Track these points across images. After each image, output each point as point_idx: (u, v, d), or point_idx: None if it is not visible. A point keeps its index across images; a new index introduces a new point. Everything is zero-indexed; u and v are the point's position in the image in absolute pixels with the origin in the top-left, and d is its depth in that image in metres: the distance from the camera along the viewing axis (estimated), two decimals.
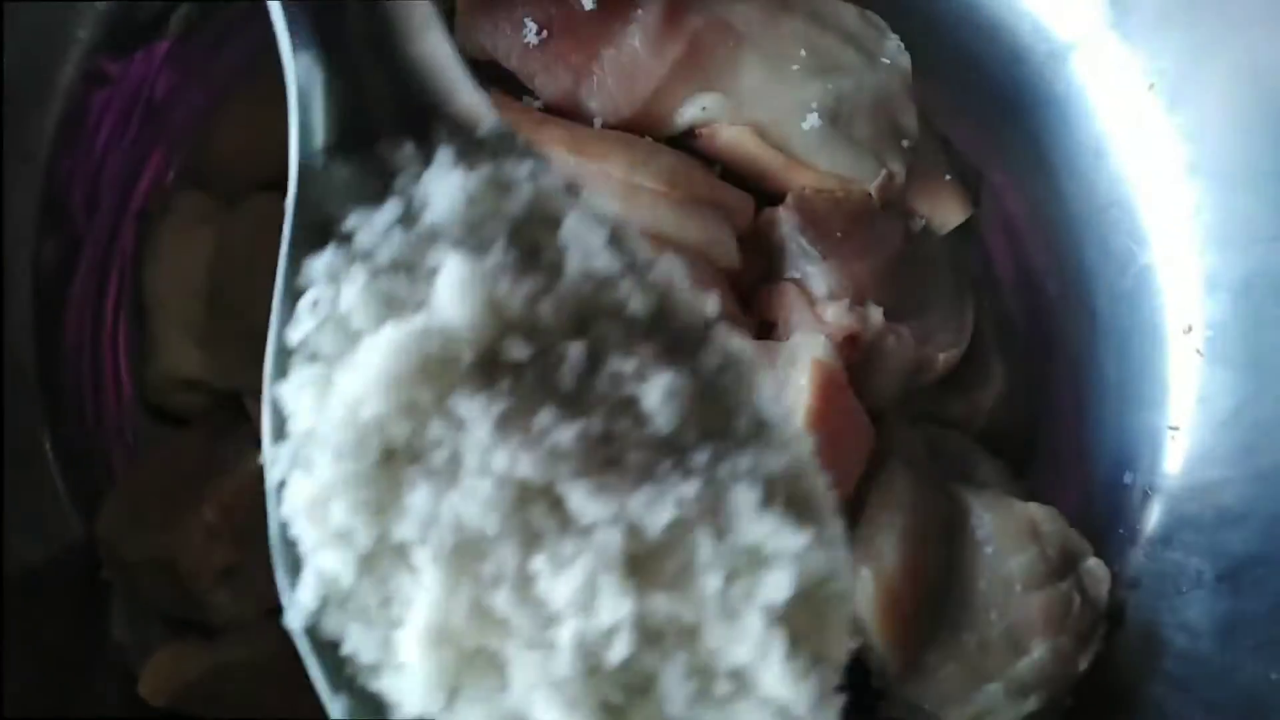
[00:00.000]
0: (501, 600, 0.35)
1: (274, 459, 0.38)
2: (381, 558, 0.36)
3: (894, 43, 0.71)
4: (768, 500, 0.37)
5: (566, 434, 0.36)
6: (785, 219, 0.68)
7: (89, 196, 0.69)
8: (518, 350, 0.37)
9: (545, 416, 0.36)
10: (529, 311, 0.37)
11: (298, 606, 0.37)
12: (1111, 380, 0.74)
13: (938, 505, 0.66)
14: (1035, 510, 0.66)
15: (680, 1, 0.68)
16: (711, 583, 0.35)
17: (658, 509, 0.35)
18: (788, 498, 0.38)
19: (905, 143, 0.70)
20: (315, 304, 0.38)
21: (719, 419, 0.39)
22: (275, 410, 0.38)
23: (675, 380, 0.37)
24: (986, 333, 0.73)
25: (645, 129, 0.69)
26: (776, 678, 0.35)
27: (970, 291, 0.73)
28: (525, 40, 0.68)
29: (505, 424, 0.36)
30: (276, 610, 0.63)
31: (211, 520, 0.63)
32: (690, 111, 0.68)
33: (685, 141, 0.70)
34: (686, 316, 0.40)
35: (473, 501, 0.35)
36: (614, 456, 0.37)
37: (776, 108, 0.68)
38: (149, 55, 0.71)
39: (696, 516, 0.36)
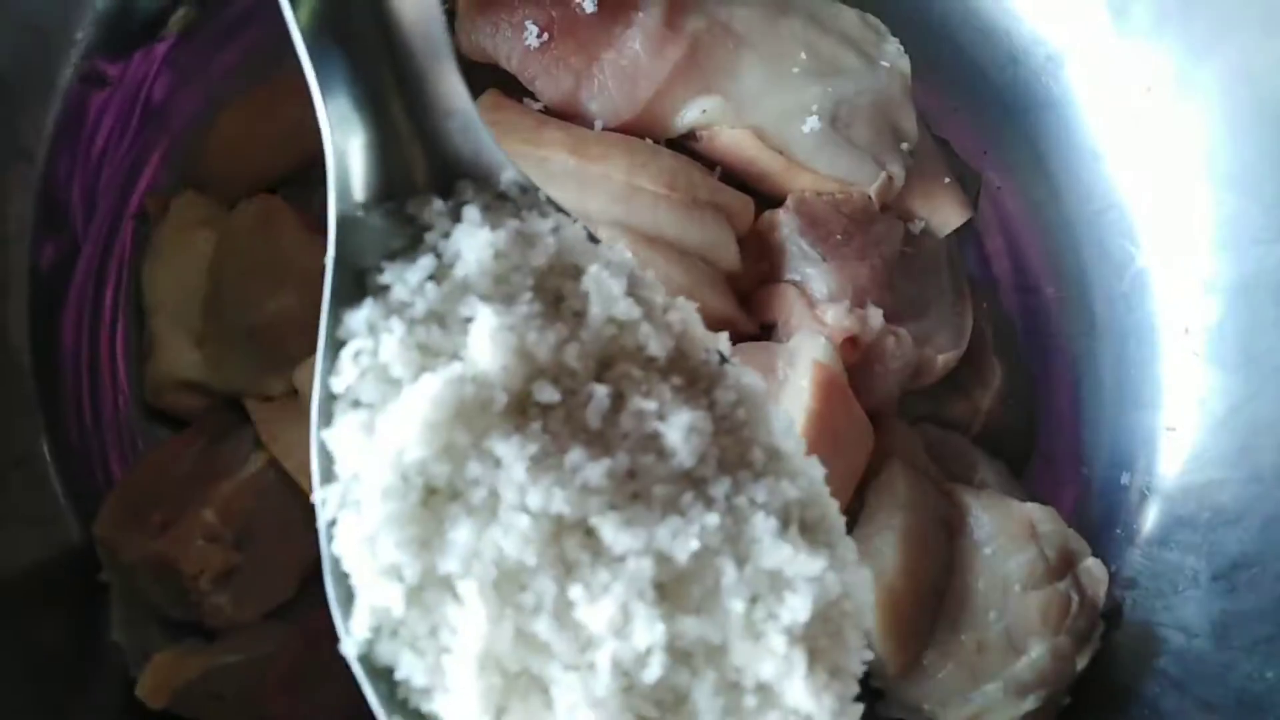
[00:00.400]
0: (543, 627, 0.37)
1: (324, 500, 0.40)
2: (429, 590, 0.38)
3: (894, 46, 0.72)
4: (784, 527, 0.40)
5: (596, 471, 0.38)
6: (785, 221, 0.68)
7: (87, 198, 0.69)
8: (547, 394, 0.39)
9: (576, 455, 0.39)
10: (556, 357, 0.40)
11: (353, 636, 0.39)
12: (1109, 381, 0.74)
13: (937, 505, 0.66)
14: (1033, 510, 0.66)
15: (680, 5, 0.68)
16: (736, 606, 0.38)
17: (684, 539, 0.38)
18: (802, 523, 0.41)
19: (905, 145, 0.70)
20: (357, 355, 0.40)
21: (736, 451, 0.41)
22: (323, 454, 0.40)
23: (694, 417, 0.40)
24: (985, 334, 0.73)
25: (646, 131, 0.69)
26: (799, 691, 0.38)
27: (969, 293, 0.73)
28: (526, 43, 0.68)
29: (539, 463, 0.38)
30: (274, 613, 0.64)
31: (211, 522, 0.63)
32: (690, 114, 0.68)
33: (685, 144, 0.70)
34: (702, 355, 0.43)
35: (512, 536, 0.37)
36: (641, 490, 0.39)
37: (776, 110, 0.68)
38: (147, 57, 0.70)
39: (720, 545, 0.39)
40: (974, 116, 0.78)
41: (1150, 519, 0.70)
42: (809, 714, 0.38)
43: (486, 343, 0.38)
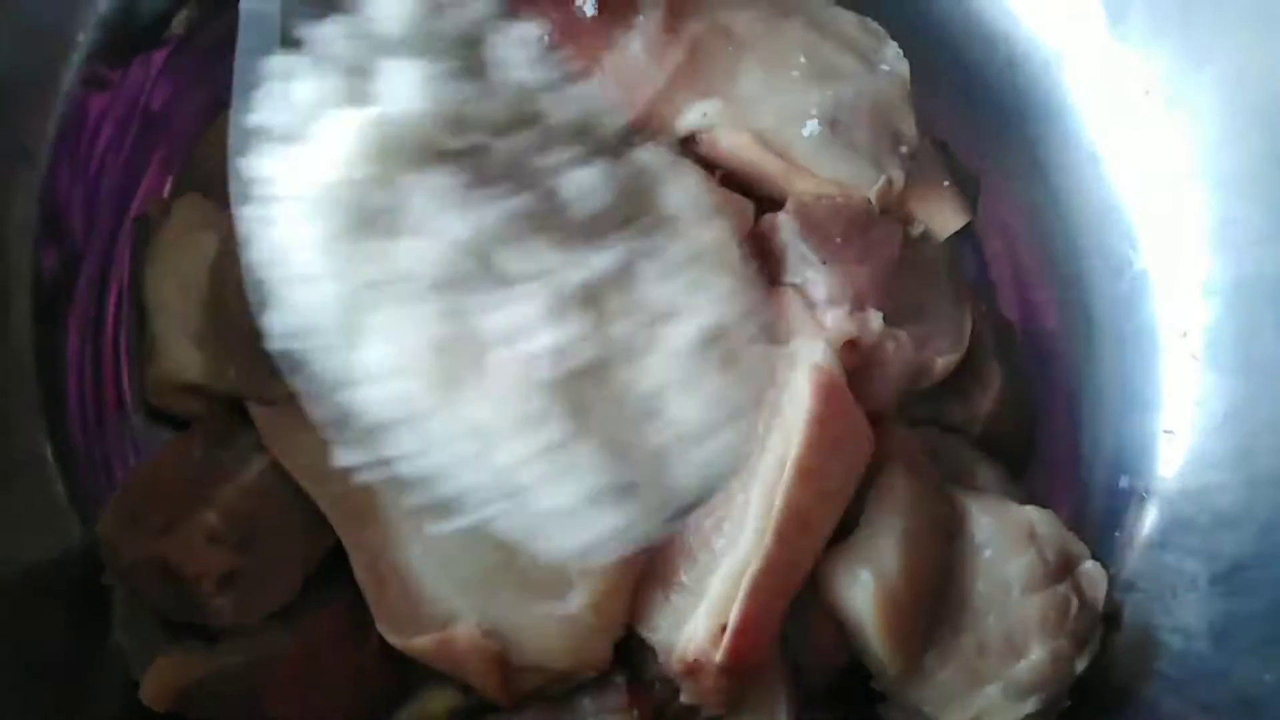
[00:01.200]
0: (451, 329, 0.42)
1: (243, 218, 0.44)
2: (351, 297, 0.43)
3: (893, 49, 0.72)
4: (671, 270, 0.46)
5: (504, 206, 0.44)
6: (785, 225, 0.69)
7: (89, 201, 0.69)
8: (455, 142, 0.44)
9: (480, 195, 0.44)
10: (465, 111, 0.45)
11: (274, 332, 0.43)
12: (1108, 384, 0.75)
13: (936, 509, 0.66)
14: (1033, 513, 0.66)
15: (681, 8, 0.69)
16: (623, 328, 0.44)
17: (578, 269, 0.44)
18: (690, 267, 0.47)
19: (904, 149, 0.70)
20: (273, 95, 0.44)
21: (632, 213, 0.47)
22: (240, 180, 0.45)
23: (592, 177, 0.46)
24: (984, 337, 0.73)
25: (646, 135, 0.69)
26: (675, 404, 0.44)
27: (968, 296, 0.73)
28: None
29: (451, 193, 0.43)
30: (277, 615, 0.64)
31: (213, 524, 0.62)
32: (691, 117, 0.69)
33: (685, 147, 0.70)
34: (605, 129, 0.48)
35: (425, 255, 0.42)
36: (542, 230, 0.45)
37: (776, 114, 0.68)
38: (146, 64, 0.71)
39: (612, 279, 0.44)
40: (973, 120, 0.78)
41: (1149, 522, 0.70)
42: (679, 420, 0.44)
43: (402, 89, 0.43)
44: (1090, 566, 0.66)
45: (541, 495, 0.42)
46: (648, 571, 0.62)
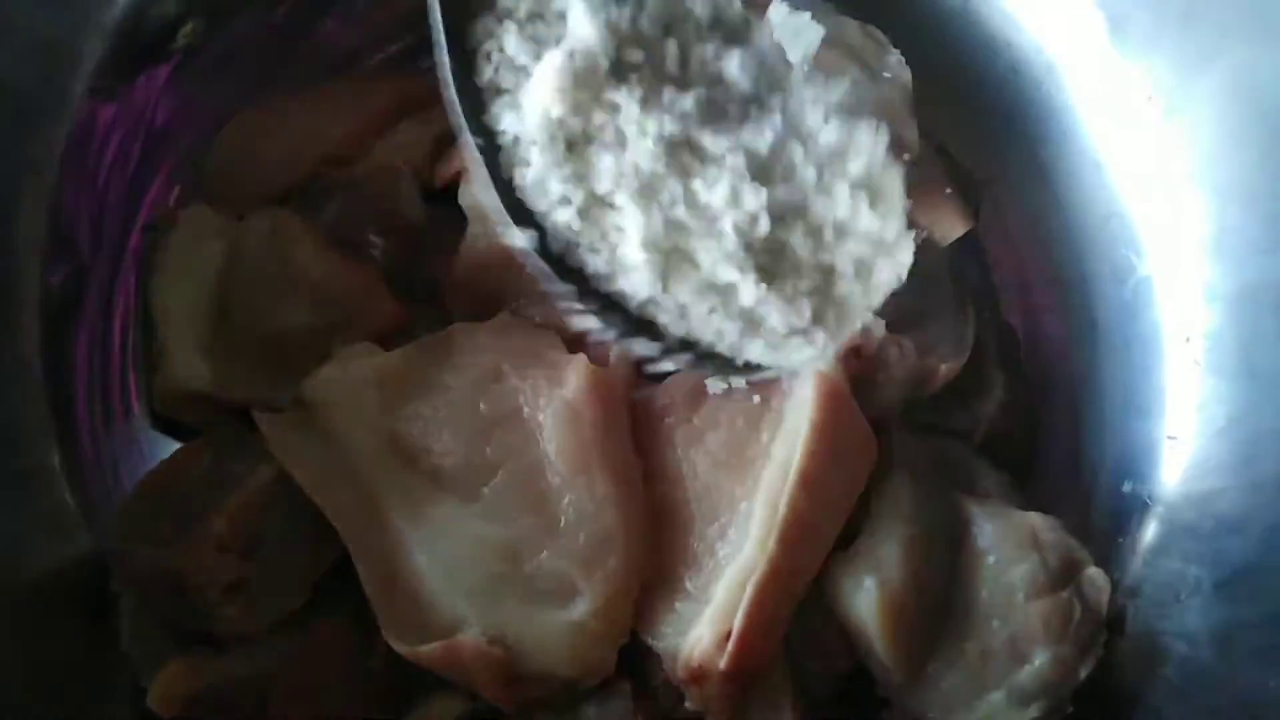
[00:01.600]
0: (680, 212, 0.54)
1: (497, 161, 0.55)
2: (593, 208, 0.55)
3: (895, 57, 0.72)
4: (829, 116, 0.56)
5: (687, 101, 0.54)
6: None
7: (96, 217, 0.70)
8: (635, 55, 0.54)
9: (669, 93, 0.54)
10: (634, 27, 0.54)
11: (534, 241, 0.55)
12: (1111, 390, 0.75)
13: (940, 515, 0.66)
14: (1036, 520, 0.66)
15: None
16: (809, 174, 0.55)
17: (760, 135, 0.55)
18: (847, 109, 0.56)
19: (906, 156, 0.70)
20: (488, 54, 0.55)
21: (780, 72, 0.57)
22: (485, 131, 0.56)
23: (743, 53, 0.56)
24: (987, 343, 0.74)
25: None
26: (867, 220, 0.55)
27: (971, 303, 0.73)
28: None
29: (645, 102, 0.53)
30: (284, 623, 0.64)
31: (220, 533, 0.63)
32: None
33: None
34: (733, 14, 0.57)
35: (641, 155, 0.53)
36: (720, 111, 0.55)
37: None
38: (153, 76, 0.71)
39: (787, 135, 0.55)
40: (975, 126, 0.79)
41: (1152, 528, 0.70)
42: (875, 235, 0.55)
43: (583, 21, 0.52)
44: (1093, 572, 0.66)
45: (773, 323, 0.54)
46: (652, 578, 0.62)
